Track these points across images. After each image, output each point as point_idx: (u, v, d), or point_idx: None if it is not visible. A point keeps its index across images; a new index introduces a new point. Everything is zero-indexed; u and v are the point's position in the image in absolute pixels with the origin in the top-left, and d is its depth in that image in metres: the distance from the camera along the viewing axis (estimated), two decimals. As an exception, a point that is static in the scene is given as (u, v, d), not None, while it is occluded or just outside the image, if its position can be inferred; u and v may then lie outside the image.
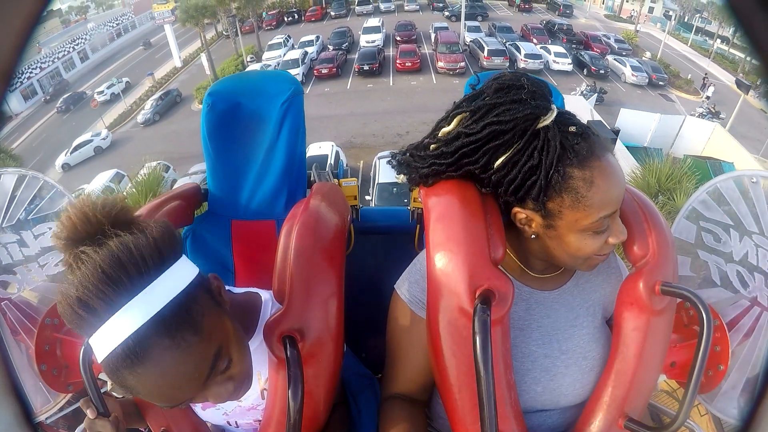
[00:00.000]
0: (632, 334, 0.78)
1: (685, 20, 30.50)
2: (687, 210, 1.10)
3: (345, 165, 12.32)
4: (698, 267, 1.08)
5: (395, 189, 9.71)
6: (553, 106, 0.70)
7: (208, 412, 0.87)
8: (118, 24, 34.55)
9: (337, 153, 11.99)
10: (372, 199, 9.76)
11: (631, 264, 0.81)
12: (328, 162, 11.03)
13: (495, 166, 0.72)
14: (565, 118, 0.71)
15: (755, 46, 0.42)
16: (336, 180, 1.30)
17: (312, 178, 1.21)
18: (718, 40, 25.86)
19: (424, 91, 19.67)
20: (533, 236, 0.75)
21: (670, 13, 30.02)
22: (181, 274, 0.61)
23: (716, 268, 1.06)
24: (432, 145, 0.79)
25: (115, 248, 0.56)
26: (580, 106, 13.07)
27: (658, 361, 0.81)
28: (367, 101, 19.27)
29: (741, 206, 1.03)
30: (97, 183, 13.49)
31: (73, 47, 30.25)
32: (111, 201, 0.64)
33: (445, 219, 0.76)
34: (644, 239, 0.78)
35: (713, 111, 17.69)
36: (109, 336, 0.55)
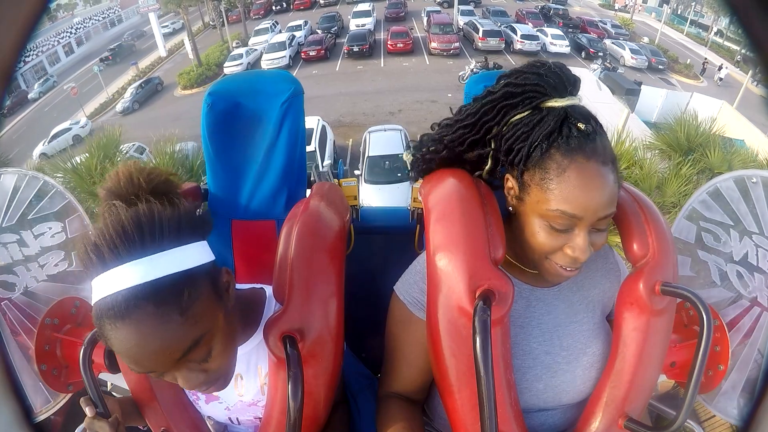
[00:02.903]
0: (632, 334, 0.78)
1: (678, 12, 30.49)
2: (687, 210, 1.10)
3: (333, 141, 11.65)
4: (698, 267, 1.08)
5: (387, 163, 9.31)
6: (573, 99, 0.72)
7: (211, 406, 0.88)
8: (104, 18, 34.19)
9: (323, 128, 11.18)
10: (362, 174, 9.33)
11: (631, 264, 0.81)
12: (314, 136, 10.25)
13: (503, 122, 0.75)
14: (581, 115, 0.70)
15: (755, 46, 0.42)
16: (336, 180, 1.30)
17: (312, 178, 1.21)
18: (713, 30, 25.75)
19: (417, 72, 19.21)
20: (510, 208, 0.77)
21: (666, -1, 29.98)
22: (192, 255, 0.64)
23: (716, 268, 1.06)
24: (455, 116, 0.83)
25: (141, 211, 0.62)
26: (584, 77, 12.82)
27: (658, 361, 0.81)
28: (357, 82, 18.61)
29: (741, 206, 1.03)
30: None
31: (57, 41, 29.69)
32: (158, 171, 0.72)
33: (446, 219, 0.76)
34: (644, 239, 0.78)
35: (609, 67, 17.33)
36: (105, 284, 0.59)
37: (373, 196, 8.74)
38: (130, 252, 0.59)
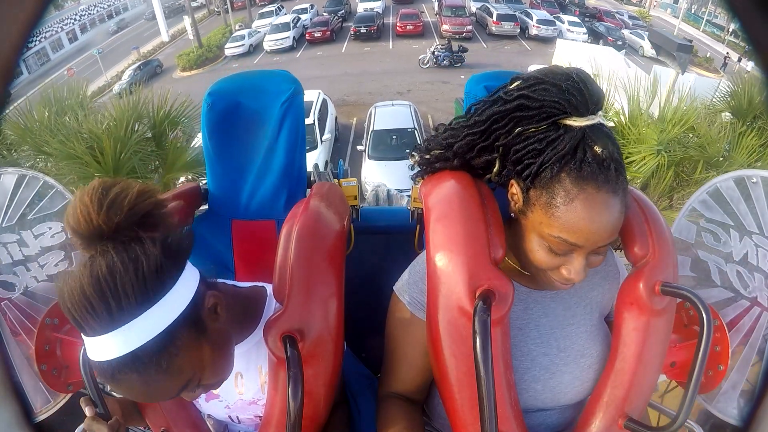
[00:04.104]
0: (632, 334, 0.78)
1: (693, 11, 30.36)
2: (687, 210, 1.10)
3: (335, 117, 11.06)
4: (698, 267, 1.08)
5: (394, 138, 8.75)
6: (595, 118, 0.67)
7: (211, 405, 0.88)
8: (109, 5, 33.91)
9: (324, 101, 10.45)
10: (366, 150, 8.78)
11: (631, 264, 0.81)
12: (313, 109, 9.43)
13: (515, 131, 0.71)
14: (601, 137, 0.66)
15: (754, 46, 0.42)
16: (336, 180, 1.30)
17: (312, 178, 1.21)
18: (729, 29, 25.51)
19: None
20: (512, 215, 0.76)
21: (682, -5, 29.63)
22: (165, 312, 0.61)
23: (716, 268, 1.06)
24: (462, 119, 0.80)
25: (101, 276, 0.57)
26: (611, 56, 12.12)
27: (658, 361, 0.81)
28: (363, 62, 17.84)
29: (741, 206, 1.03)
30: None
31: (61, 27, 29.25)
32: (121, 201, 0.60)
33: (446, 219, 0.76)
34: (644, 239, 0.78)
35: (455, 52, 16.85)
36: (90, 349, 0.61)
37: (377, 173, 8.12)
38: (101, 325, 0.57)
